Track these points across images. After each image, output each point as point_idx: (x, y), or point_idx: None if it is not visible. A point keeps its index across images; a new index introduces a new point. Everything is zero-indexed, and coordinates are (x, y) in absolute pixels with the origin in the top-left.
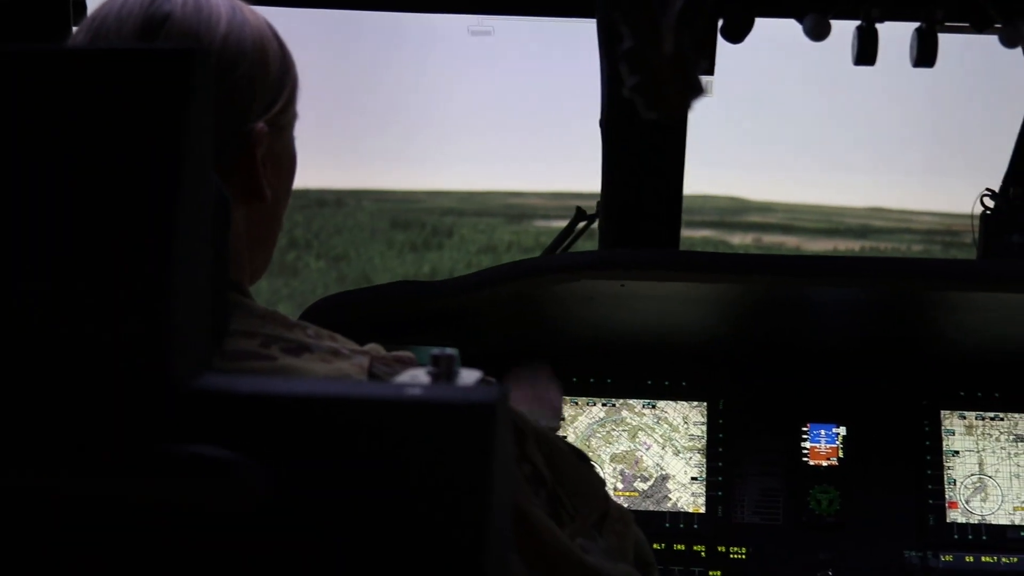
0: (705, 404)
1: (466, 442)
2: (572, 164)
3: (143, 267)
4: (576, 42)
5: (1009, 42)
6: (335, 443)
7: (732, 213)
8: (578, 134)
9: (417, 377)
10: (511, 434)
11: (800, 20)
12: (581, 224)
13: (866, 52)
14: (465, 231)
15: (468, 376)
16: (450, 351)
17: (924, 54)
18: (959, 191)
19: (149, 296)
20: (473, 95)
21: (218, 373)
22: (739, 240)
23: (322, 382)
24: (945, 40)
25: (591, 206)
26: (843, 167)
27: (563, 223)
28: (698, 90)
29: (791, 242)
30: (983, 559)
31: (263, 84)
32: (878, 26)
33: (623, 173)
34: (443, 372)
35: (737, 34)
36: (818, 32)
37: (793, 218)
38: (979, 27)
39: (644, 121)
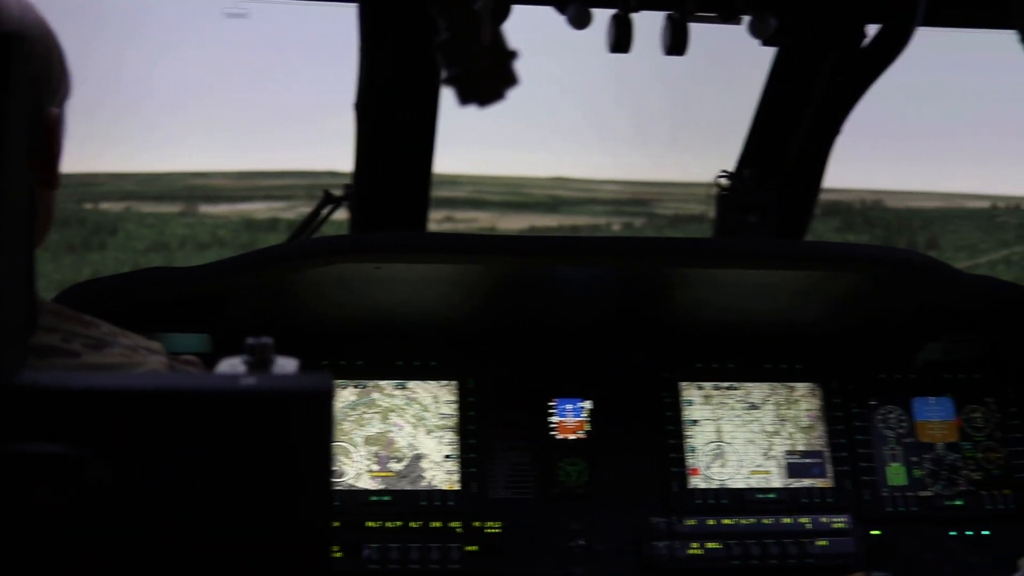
0: (455, 383)
1: (305, 429)
2: (260, 142)
3: None
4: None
5: (757, 33)
6: (173, 435)
7: None
8: (269, 113)
9: (235, 366)
10: None
11: (560, 9)
12: (328, 208)
13: (621, 40)
14: (132, 226)
15: (287, 364)
16: (265, 340)
17: (675, 42)
18: (643, 161)
19: None
20: (181, 74)
21: (37, 369)
22: (432, 218)
23: (156, 375)
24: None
25: (284, 185)
26: (526, 138)
27: (250, 206)
28: (513, 80)
29: (483, 218)
30: (724, 521)
31: (52, 70)
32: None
33: (375, 156)
34: (259, 360)
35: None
36: (580, 21)
37: (481, 191)
38: (727, 18)
39: (397, 105)
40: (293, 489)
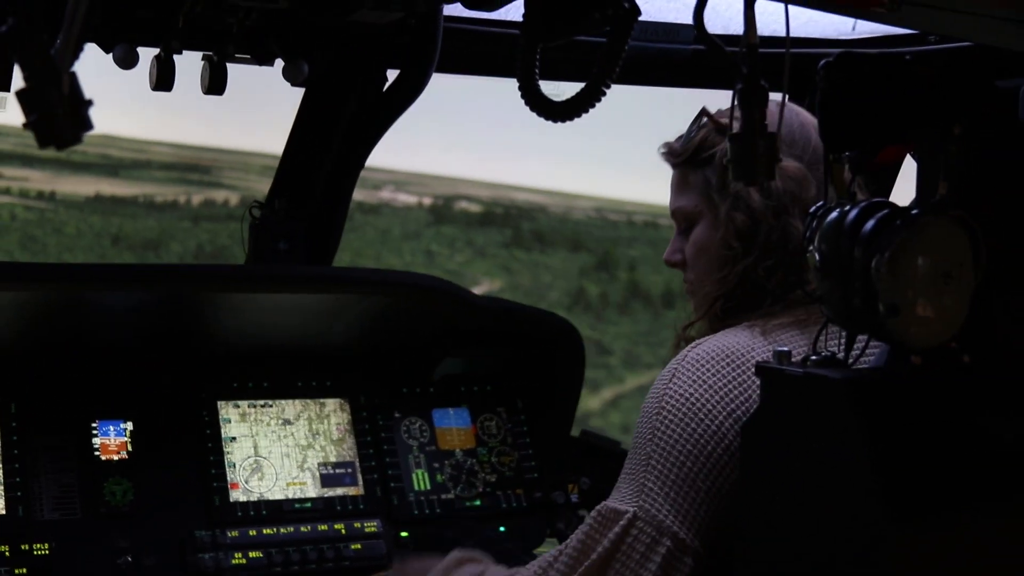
0: None
1: None
2: None
3: None
4: None
5: (290, 78)
6: None
7: None
8: None
9: None
10: None
11: (106, 49)
12: None
13: (163, 79)
14: None
15: None
16: None
17: (214, 83)
18: (197, 124)
19: None
20: None
21: None
22: None
23: None
24: None
25: None
26: None
27: None
28: (88, 125)
29: (36, 178)
30: (264, 531)
31: None
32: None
33: None
34: None
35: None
36: (126, 62)
37: (28, 145)
38: (262, 61)
39: None
40: None
